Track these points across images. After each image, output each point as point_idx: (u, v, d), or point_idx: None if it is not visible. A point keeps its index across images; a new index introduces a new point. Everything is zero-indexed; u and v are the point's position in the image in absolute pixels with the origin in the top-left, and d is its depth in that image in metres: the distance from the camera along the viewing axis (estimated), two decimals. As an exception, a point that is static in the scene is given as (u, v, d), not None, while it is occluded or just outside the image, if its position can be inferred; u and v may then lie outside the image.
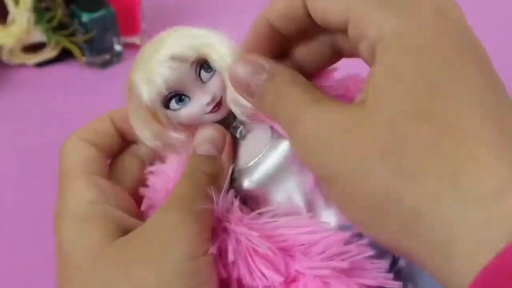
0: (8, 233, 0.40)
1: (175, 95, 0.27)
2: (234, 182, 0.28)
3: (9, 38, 0.53)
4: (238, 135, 0.28)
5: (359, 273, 0.25)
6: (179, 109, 0.27)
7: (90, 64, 0.56)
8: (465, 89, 0.18)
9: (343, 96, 0.28)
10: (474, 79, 0.18)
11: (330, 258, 0.25)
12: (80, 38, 0.54)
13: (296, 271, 0.25)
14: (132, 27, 0.58)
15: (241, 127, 0.29)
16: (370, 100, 0.19)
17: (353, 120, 0.19)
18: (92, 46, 0.54)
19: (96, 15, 0.53)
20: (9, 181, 0.44)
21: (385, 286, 0.25)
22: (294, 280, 0.25)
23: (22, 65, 0.56)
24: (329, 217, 0.27)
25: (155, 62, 0.28)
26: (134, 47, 0.59)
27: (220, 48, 0.28)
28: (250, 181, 0.27)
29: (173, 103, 0.27)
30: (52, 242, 0.25)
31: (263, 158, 0.28)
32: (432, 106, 0.18)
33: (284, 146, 0.27)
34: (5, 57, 0.55)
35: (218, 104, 0.27)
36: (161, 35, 0.29)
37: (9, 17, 0.53)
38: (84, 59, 0.55)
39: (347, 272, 0.25)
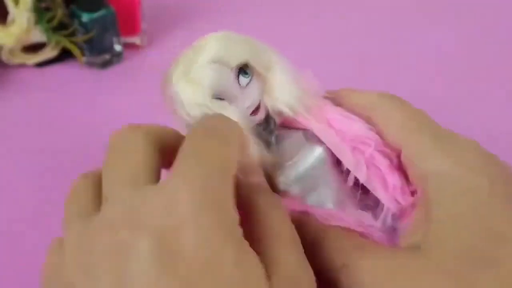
0: (8, 232, 0.40)
1: (215, 98, 0.27)
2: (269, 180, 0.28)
3: (9, 38, 0.53)
4: (272, 140, 0.29)
5: None
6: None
7: (90, 64, 0.56)
8: None
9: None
10: None
11: None
12: (80, 38, 0.54)
13: None
14: (132, 27, 0.58)
15: (276, 132, 0.29)
16: (433, 247, 0.20)
17: (416, 268, 0.20)
18: (92, 46, 0.54)
19: (96, 15, 0.53)
20: (9, 181, 0.44)
21: None
22: None
23: (22, 65, 0.56)
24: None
25: (199, 67, 0.27)
26: (134, 47, 0.59)
27: (260, 54, 0.29)
28: (285, 181, 0.28)
29: (214, 103, 0.27)
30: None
31: (299, 160, 0.28)
32: (496, 253, 0.19)
33: (319, 150, 0.28)
34: (5, 57, 0.55)
35: (257, 108, 0.28)
36: (199, 42, 0.29)
37: (9, 17, 0.53)
38: (84, 59, 0.55)
39: None
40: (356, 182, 0.27)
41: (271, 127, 0.29)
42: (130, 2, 0.57)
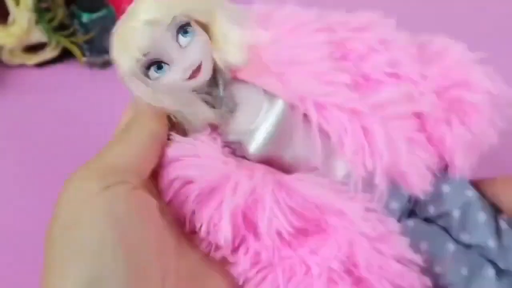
0: (9, 231, 0.40)
1: (154, 63, 0.26)
2: (240, 149, 0.27)
3: (10, 38, 0.53)
4: (226, 106, 0.27)
5: (381, 241, 0.26)
6: (159, 77, 0.26)
7: (90, 64, 0.56)
8: None
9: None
10: None
11: (359, 222, 0.26)
12: (80, 38, 0.54)
13: (330, 225, 0.26)
14: (132, 27, 0.58)
15: (229, 96, 0.27)
16: None
17: None
18: (92, 46, 0.55)
19: (96, 15, 0.53)
20: (10, 181, 0.44)
21: (403, 256, 0.26)
22: (325, 231, 0.26)
23: (23, 65, 0.56)
24: (339, 166, 0.28)
25: (129, 29, 0.27)
26: (134, 47, 0.59)
27: (198, 6, 0.27)
28: (257, 146, 0.27)
29: (152, 72, 0.26)
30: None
31: (264, 120, 0.27)
32: None
33: (280, 104, 0.27)
34: (5, 57, 0.55)
35: (198, 69, 0.26)
36: (133, 4, 0.28)
37: (10, 17, 0.53)
38: (84, 59, 0.55)
39: (371, 239, 0.26)
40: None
41: (221, 88, 0.27)
42: (130, 2, 0.57)
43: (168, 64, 0.26)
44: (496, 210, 0.30)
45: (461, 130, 0.29)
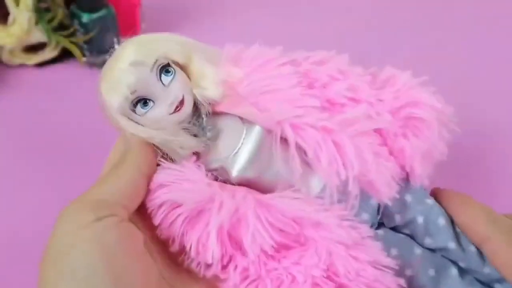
0: (8, 231, 0.40)
1: (140, 100, 0.29)
2: (222, 174, 0.30)
3: (10, 38, 0.53)
4: (209, 135, 0.30)
5: (359, 248, 0.29)
6: (145, 113, 0.29)
7: (90, 64, 0.56)
8: None
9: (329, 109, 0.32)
10: None
11: (335, 233, 0.28)
12: (80, 38, 0.54)
13: (308, 237, 0.28)
14: (132, 28, 0.58)
15: (210, 127, 0.31)
16: None
17: None
18: (92, 46, 0.55)
19: (96, 15, 0.53)
20: (10, 181, 0.44)
21: (379, 262, 0.29)
22: (304, 244, 0.28)
23: (23, 65, 0.56)
24: (315, 182, 0.31)
25: (117, 71, 0.30)
26: (134, 47, 0.59)
27: (176, 48, 0.31)
28: (238, 169, 0.30)
29: (138, 108, 0.29)
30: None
31: (244, 145, 0.30)
32: None
33: (257, 129, 0.30)
34: (6, 57, 0.55)
35: (181, 103, 0.30)
36: (120, 47, 0.31)
37: (10, 18, 0.53)
38: (84, 59, 0.56)
39: (348, 246, 0.28)
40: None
41: (203, 123, 0.31)
42: (130, 2, 0.57)
43: (153, 101, 0.29)
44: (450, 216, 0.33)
45: (416, 142, 0.32)
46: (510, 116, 0.51)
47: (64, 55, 0.56)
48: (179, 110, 0.30)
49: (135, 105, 0.29)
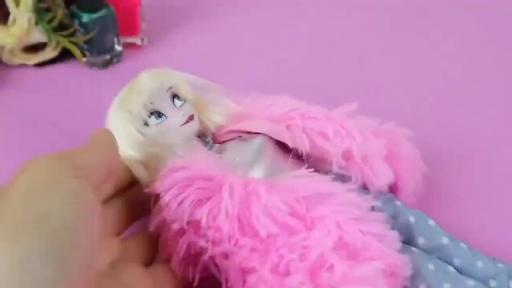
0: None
1: (155, 112, 0.34)
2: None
3: (10, 38, 0.53)
4: (214, 151, 0.35)
5: (365, 222, 0.30)
6: (159, 123, 0.34)
7: (90, 64, 0.56)
8: None
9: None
10: None
11: (343, 206, 0.30)
12: (80, 38, 0.54)
13: (315, 217, 0.30)
14: (132, 27, 0.58)
15: (216, 146, 0.36)
16: None
17: None
18: (92, 46, 0.55)
19: (96, 15, 0.53)
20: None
21: (382, 233, 0.30)
22: (311, 228, 0.30)
23: (23, 65, 0.56)
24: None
25: (139, 82, 0.36)
26: (134, 47, 0.59)
27: (183, 84, 0.37)
28: (244, 170, 0.33)
29: (153, 119, 0.34)
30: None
31: (248, 154, 0.34)
32: None
33: (259, 140, 0.35)
34: (6, 57, 0.55)
35: (191, 117, 0.35)
36: (134, 78, 0.36)
37: (10, 18, 0.53)
38: (84, 59, 0.56)
39: (356, 220, 0.30)
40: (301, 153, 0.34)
41: (209, 139, 0.36)
42: (130, 2, 0.57)
43: (166, 116, 0.35)
44: None
45: (404, 150, 0.37)
46: (506, 119, 0.51)
47: (64, 55, 0.56)
48: (189, 122, 0.35)
49: (149, 116, 0.34)
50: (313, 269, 0.28)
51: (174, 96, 0.35)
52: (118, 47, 0.56)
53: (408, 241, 0.34)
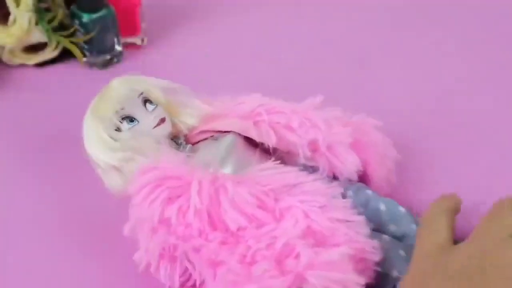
0: (8, 231, 0.40)
1: (127, 118, 0.37)
2: None
3: (10, 38, 0.53)
4: (186, 151, 0.37)
5: (332, 209, 0.31)
6: (131, 128, 0.37)
7: (91, 64, 0.56)
8: None
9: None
10: None
11: (310, 196, 0.32)
12: (81, 38, 0.54)
13: (283, 208, 0.31)
14: (132, 28, 0.58)
15: (188, 146, 0.38)
16: None
17: None
18: (92, 46, 0.55)
19: (96, 15, 0.53)
20: (10, 181, 0.44)
21: (349, 219, 0.31)
22: (280, 220, 0.31)
23: (22, 65, 0.56)
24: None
25: (110, 89, 0.38)
26: (134, 47, 0.59)
27: (155, 89, 0.39)
28: (217, 167, 0.35)
29: (125, 124, 0.37)
30: (55, 238, 0.25)
31: (220, 152, 0.36)
32: None
33: (230, 137, 0.36)
34: (6, 57, 0.55)
35: (162, 120, 0.37)
36: (105, 88, 0.39)
37: (10, 18, 0.53)
38: (84, 59, 0.56)
39: (323, 208, 0.31)
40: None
41: (181, 141, 0.38)
42: (130, 2, 0.57)
43: (138, 121, 0.37)
44: None
45: (373, 139, 0.38)
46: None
47: (64, 55, 0.56)
48: (161, 124, 0.37)
49: (121, 121, 0.36)
50: (280, 257, 0.29)
51: (146, 101, 0.37)
52: (118, 47, 0.56)
53: (379, 228, 0.34)
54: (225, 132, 0.37)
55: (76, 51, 0.55)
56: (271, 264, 0.28)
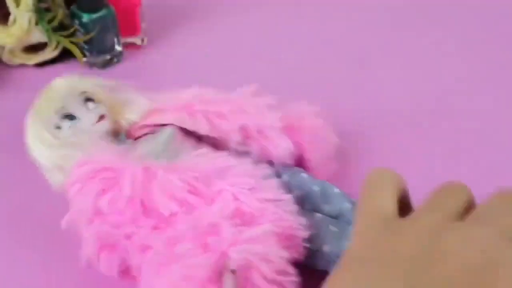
0: (11, 232, 0.40)
1: (67, 116, 0.38)
2: None
3: (10, 38, 0.53)
4: (127, 146, 0.37)
5: (261, 190, 0.33)
6: (72, 125, 0.38)
7: (91, 64, 0.56)
8: None
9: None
10: None
11: (239, 178, 0.33)
12: (81, 38, 0.54)
13: (214, 192, 0.32)
14: (132, 27, 0.58)
15: (129, 141, 0.39)
16: None
17: None
18: (92, 46, 0.55)
19: (96, 15, 0.53)
20: (10, 181, 0.44)
21: (279, 199, 0.33)
22: (211, 204, 0.32)
23: (22, 65, 0.56)
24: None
25: (50, 91, 0.39)
26: (134, 47, 0.59)
27: (96, 88, 0.40)
28: (154, 158, 0.36)
29: (65, 122, 0.38)
30: (55, 238, 0.25)
31: (158, 144, 0.37)
32: None
33: (168, 130, 0.38)
34: (6, 57, 0.55)
35: (102, 117, 0.38)
36: (46, 87, 0.40)
37: (10, 18, 0.53)
38: (84, 59, 0.56)
39: (252, 189, 0.32)
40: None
41: (123, 137, 0.39)
42: (130, 2, 0.57)
43: (79, 118, 0.38)
44: None
45: (308, 124, 0.39)
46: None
47: (64, 55, 0.56)
48: (101, 120, 0.38)
49: (62, 120, 0.37)
50: (204, 237, 0.30)
51: (88, 99, 0.39)
52: (118, 47, 0.56)
53: (313, 209, 0.36)
54: (164, 125, 0.38)
55: (76, 51, 0.55)
56: (195, 244, 0.29)
